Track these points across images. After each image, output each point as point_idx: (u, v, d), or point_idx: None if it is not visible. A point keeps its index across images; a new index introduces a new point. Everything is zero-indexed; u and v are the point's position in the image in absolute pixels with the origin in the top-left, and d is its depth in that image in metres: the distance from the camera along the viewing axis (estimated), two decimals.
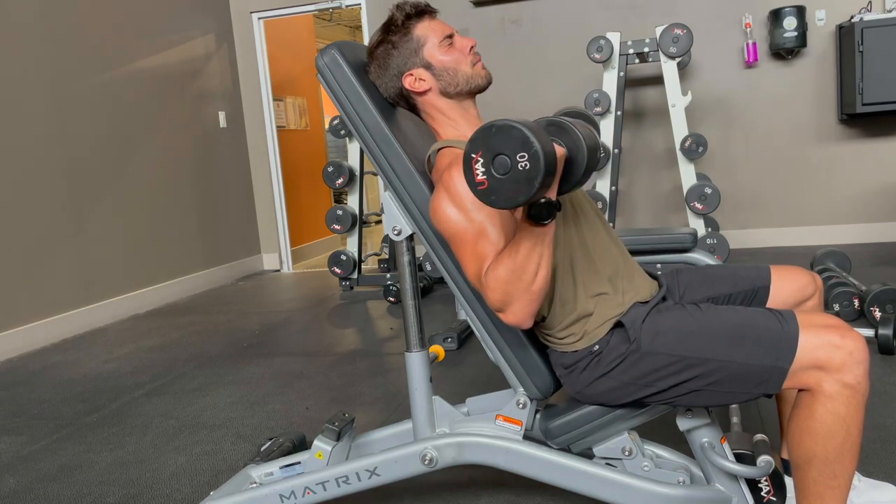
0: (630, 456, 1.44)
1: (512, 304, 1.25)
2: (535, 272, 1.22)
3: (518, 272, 1.22)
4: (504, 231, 1.30)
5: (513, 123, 1.09)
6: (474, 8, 5.26)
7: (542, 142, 1.09)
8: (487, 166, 1.11)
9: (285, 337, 3.73)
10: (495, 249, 1.28)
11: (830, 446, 1.22)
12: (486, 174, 1.12)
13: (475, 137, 1.12)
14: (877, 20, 4.35)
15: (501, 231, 1.30)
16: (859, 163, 4.80)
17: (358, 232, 4.68)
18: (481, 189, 1.13)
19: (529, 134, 1.08)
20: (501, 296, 1.25)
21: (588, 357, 1.38)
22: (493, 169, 1.11)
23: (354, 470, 1.53)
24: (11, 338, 3.70)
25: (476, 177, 1.12)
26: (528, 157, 1.08)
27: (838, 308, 3.01)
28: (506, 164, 1.10)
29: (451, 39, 1.50)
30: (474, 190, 1.13)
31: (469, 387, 2.62)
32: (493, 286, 1.25)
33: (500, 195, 1.12)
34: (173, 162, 5.01)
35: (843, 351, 1.20)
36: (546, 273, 1.23)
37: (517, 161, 1.09)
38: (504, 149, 1.10)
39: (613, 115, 4.41)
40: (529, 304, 1.25)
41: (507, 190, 1.11)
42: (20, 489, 2.12)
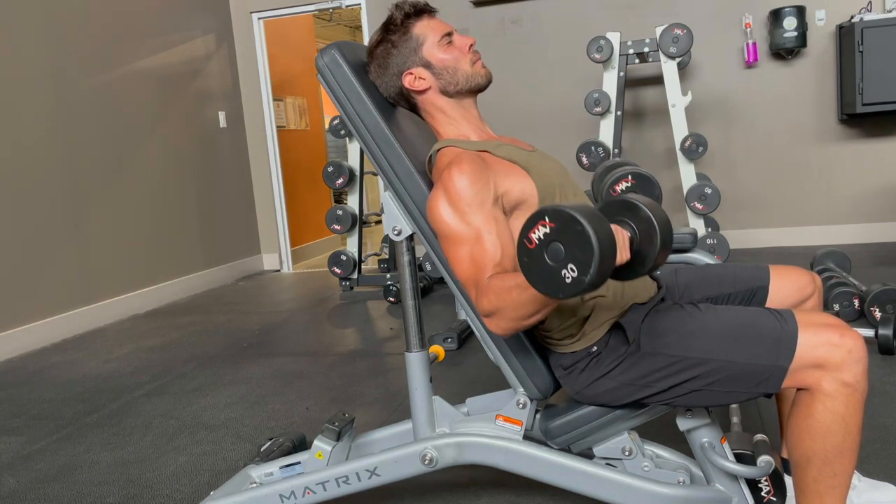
0: (630, 456, 1.44)
1: (499, 320, 1.25)
2: (532, 314, 1.22)
3: (517, 306, 1.21)
4: (500, 239, 1.30)
5: (594, 244, 1.03)
6: (474, 8, 5.26)
7: (597, 276, 1.04)
8: (546, 241, 1.07)
9: (285, 337, 3.73)
10: (492, 258, 1.28)
11: (830, 445, 1.22)
12: (539, 242, 1.07)
13: (562, 212, 1.06)
14: (877, 20, 4.35)
15: (498, 240, 1.30)
16: (859, 163, 4.80)
17: (358, 232, 4.68)
18: (525, 244, 1.09)
19: (596, 264, 1.03)
20: (492, 308, 1.25)
21: (587, 358, 1.38)
22: (547, 247, 1.07)
23: (354, 470, 1.53)
24: (11, 338, 3.70)
25: (532, 233, 1.08)
26: (574, 277, 1.04)
27: (838, 308, 3.01)
28: (557, 257, 1.06)
29: (450, 38, 1.50)
30: (521, 238, 1.10)
31: (469, 387, 2.62)
32: (490, 297, 1.24)
33: (531, 267, 1.09)
34: (173, 162, 5.01)
35: (842, 349, 1.20)
36: (542, 317, 1.24)
37: (565, 266, 1.05)
38: (568, 247, 1.05)
39: (613, 115, 4.41)
40: (514, 329, 1.27)
41: (539, 272, 1.08)
42: (20, 489, 2.12)
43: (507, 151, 1.44)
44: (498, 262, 1.28)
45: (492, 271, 1.27)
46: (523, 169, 1.41)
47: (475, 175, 1.33)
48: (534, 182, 1.39)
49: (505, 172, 1.39)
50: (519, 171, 1.40)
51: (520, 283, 1.19)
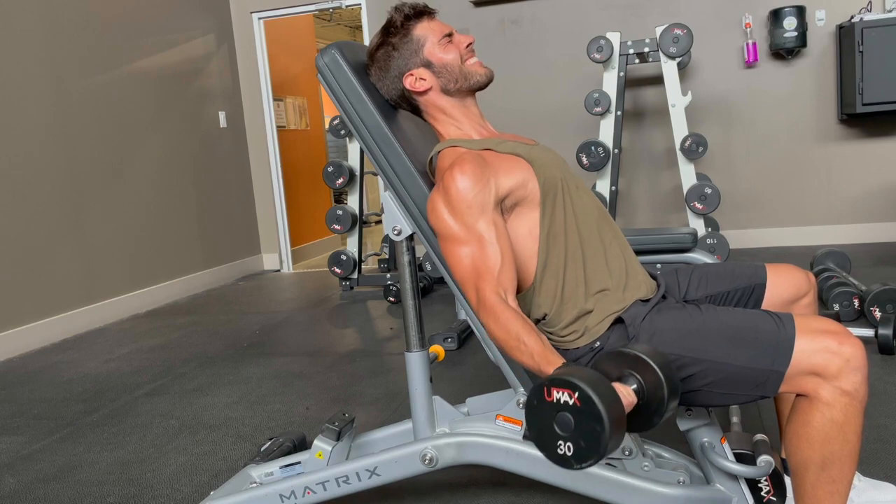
0: (630, 456, 1.44)
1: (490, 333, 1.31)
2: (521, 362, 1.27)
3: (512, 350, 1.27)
4: (501, 248, 1.32)
5: (602, 447, 1.03)
6: (474, 8, 5.26)
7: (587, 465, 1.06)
8: (563, 408, 1.06)
9: (285, 337, 3.73)
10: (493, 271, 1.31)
11: (827, 452, 1.22)
12: (556, 404, 1.07)
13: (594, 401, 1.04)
14: (877, 20, 4.35)
15: (499, 249, 1.32)
16: (859, 163, 4.80)
17: (358, 232, 4.68)
18: (541, 393, 1.08)
19: (589, 462, 1.05)
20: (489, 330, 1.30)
21: (589, 354, 1.38)
22: (558, 413, 1.06)
23: (354, 470, 1.53)
24: (11, 338, 3.70)
25: (554, 389, 1.07)
26: (567, 455, 1.06)
27: (838, 308, 3.00)
28: (564, 427, 1.06)
29: (450, 38, 1.50)
30: (529, 399, 1.10)
31: (469, 387, 2.62)
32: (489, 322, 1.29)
33: (535, 415, 1.09)
34: (173, 162, 5.01)
35: (839, 357, 1.19)
36: None
37: (566, 442, 1.06)
38: (577, 430, 1.05)
39: (613, 115, 4.41)
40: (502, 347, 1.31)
41: (541, 425, 1.08)
42: (20, 489, 2.12)
43: (510, 146, 1.45)
44: (498, 272, 1.31)
45: (493, 285, 1.30)
46: (527, 161, 1.41)
47: (476, 176, 1.34)
48: (536, 175, 1.40)
49: (507, 168, 1.39)
50: (523, 163, 1.41)
51: (522, 342, 1.24)
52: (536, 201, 1.40)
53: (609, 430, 1.03)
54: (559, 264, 1.40)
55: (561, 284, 1.39)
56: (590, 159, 4.37)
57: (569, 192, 1.43)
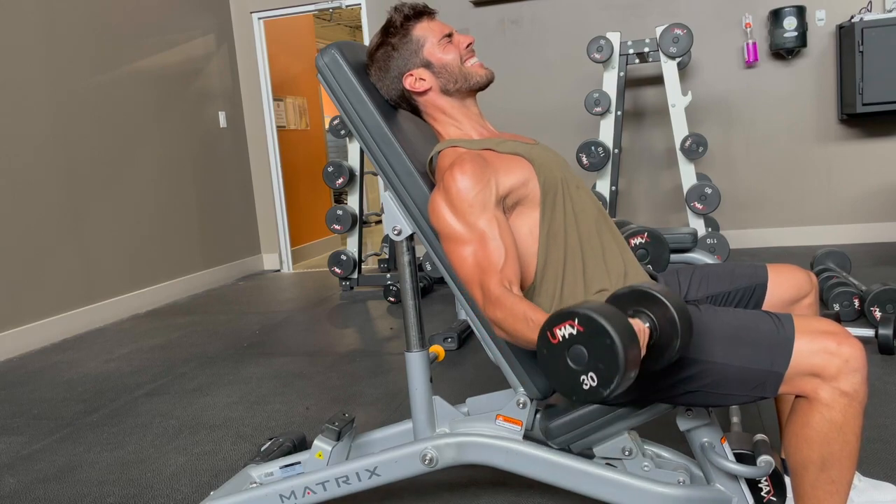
0: (630, 456, 1.44)
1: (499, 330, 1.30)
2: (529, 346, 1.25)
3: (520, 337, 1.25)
4: (504, 243, 1.32)
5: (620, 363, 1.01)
6: (474, 8, 5.26)
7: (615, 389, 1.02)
8: (571, 341, 1.05)
9: (285, 337, 3.73)
10: (496, 264, 1.30)
11: (827, 453, 1.21)
12: (563, 341, 1.05)
13: (594, 320, 1.03)
14: (877, 20, 4.35)
15: (502, 244, 1.32)
16: (859, 163, 4.80)
17: (358, 232, 4.68)
18: (547, 336, 1.07)
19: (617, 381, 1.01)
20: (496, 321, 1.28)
21: None
22: (569, 348, 1.05)
23: (354, 470, 1.53)
24: (11, 338, 3.70)
25: (557, 329, 1.06)
26: (594, 387, 1.03)
27: (838, 308, 3.00)
28: (579, 360, 1.04)
29: (450, 38, 1.50)
30: (544, 331, 1.08)
31: (469, 387, 2.62)
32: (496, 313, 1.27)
33: (548, 360, 1.07)
34: (173, 162, 5.01)
35: (839, 358, 1.18)
36: None
37: (586, 373, 1.03)
38: (592, 355, 1.03)
39: (613, 115, 4.41)
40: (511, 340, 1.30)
41: (556, 368, 1.06)
42: (20, 489, 2.12)
43: (511, 146, 1.45)
44: (501, 267, 1.30)
45: (497, 278, 1.29)
46: (527, 161, 1.41)
47: (477, 176, 1.34)
48: (537, 175, 1.40)
49: (507, 168, 1.39)
50: (523, 162, 1.41)
51: (530, 321, 1.21)
52: (537, 201, 1.40)
53: (619, 340, 1.01)
54: (559, 264, 1.40)
55: (560, 284, 1.39)
56: (590, 159, 4.37)
57: (569, 191, 1.43)
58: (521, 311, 1.23)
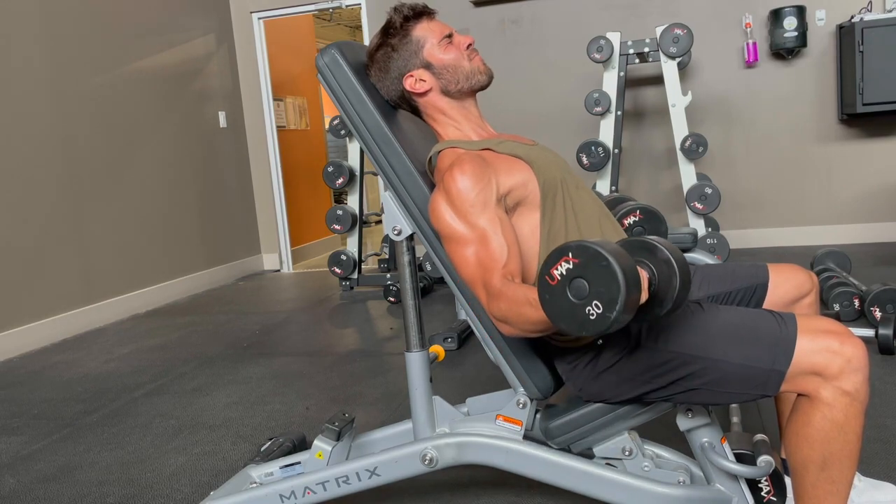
0: (630, 456, 1.44)
1: (508, 326, 1.27)
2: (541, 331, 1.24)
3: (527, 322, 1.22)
4: (506, 240, 1.31)
5: (620, 279, 1.01)
6: (474, 8, 5.26)
7: (623, 313, 1.02)
8: (570, 276, 1.04)
9: (285, 337, 3.73)
10: (499, 261, 1.29)
11: (827, 453, 1.21)
12: (562, 278, 1.05)
13: (588, 248, 1.04)
14: (877, 20, 4.35)
15: (504, 241, 1.31)
16: (859, 163, 4.80)
17: (358, 232, 4.68)
18: (546, 280, 1.07)
19: (622, 301, 1.00)
20: (502, 316, 1.26)
21: (591, 352, 1.38)
22: (570, 283, 1.04)
23: (354, 470, 1.53)
24: (11, 338, 3.70)
25: (553, 269, 1.06)
26: (600, 314, 1.02)
27: (838, 308, 3.00)
28: (580, 293, 1.03)
29: (450, 39, 1.50)
30: (541, 275, 1.09)
31: (469, 387, 2.62)
32: (501, 306, 1.25)
33: (552, 304, 1.07)
34: (173, 162, 5.01)
35: (841, 357, 1.18)
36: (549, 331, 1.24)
37: (590, 303, 1.03)
38: (593, 282, 1.02)
39: (613, 115, 4.41)
40: (522, 335, 1.28)
41: (561, 309, 1.06)
42: (20, 489, 2.12)
43: (509, 147, 1.45)
44: (504, 263, 1.29)
45: (500, 274, 1.28)
46: (526, 163, 1.41)
47: (477, 175, 1.34)
48: (536, 176, 1.39)
49: (507, 168, 1.39)
50: (522, 164, 1.41)
51: (532, 301, 1.19)
52: (537, 202, 1.40)
53: (614, 259, 1.01)
54: None
55: None
56: (590, 159, 4.37)
57: (569, 192, 1.43)
58: (521, 295, 1.21)
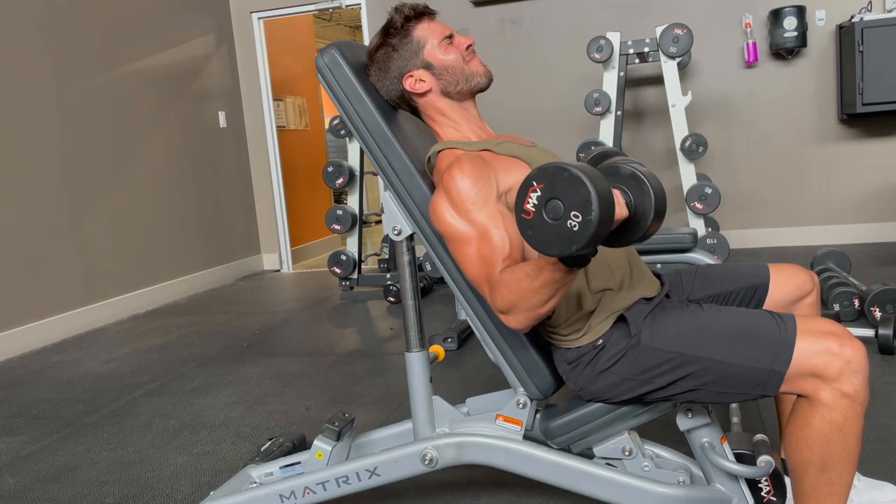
0: (630, 456, 1.44)
1: (516, 314, 1.25)
2: (546, 300, 1.21)
3: (530, 294, 1.21)
4: (508, 233, 1.30)
5: (584, 180, 1.02)
6: (474, 8, 5.26)
7: (601, 211, 1.02)
8: (542, 202, 1.06)
9: (285, 337, 3.73)
10: (501, 253, 1.28)
11: (827, 454, 1.21)
12: (535, 208, 1.07)
13: (547, 168, 1.07)
14: (877, 20, 4.35)
15: (505, 234, 1.30)
16: (859, 163, 4.80)
17: (358, 232, 4.68)
18: (524, 218, 1.08)
19: (594, 200, 1.01)
20: (508, 305, 1.25)
21: (592, 352, 1.38)
22: (545, 208, 1.06)
23: (354, 470, 1.53)
24: (11, 338, 3.69)
25: (525, 204, 1.08)
26: (581, 222, 1.03)
27: (838, 308, 3.00)
28: (557, 212, 1.04)
29: (450, 40, 1.50)
30: (518, 216, 1.09)
31: (469, 387, 2.62)
32: (503, 294, 1.25)
33: (537, 235, 1.07)
34: (173, 162, 5.01)
35: (840, 359, 1.18)
36: (556, 303, 1.23)
37: (569, 217, 1.03)
38: (565, 197, 1.04)
39: (613, 115, 4.41)
40: (531, 320, 1.26)
41: (546, 237, 1.06)
42: (20, 489, 2.12)
43: (508, 148, 1.45)
44: (507, 255, 1.28)
45: (501, 265, 1.27)
46: (525, 163, 1.41)
47: (476, 174, 1.34)
48: None
49: (506, 169, 1.39)
50: (521, 164, 1.41)
51: (529, 271, 1.19)
52: None
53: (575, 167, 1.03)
54: None
55: None
56: None
57: None
58: (518, 270, 1.22)
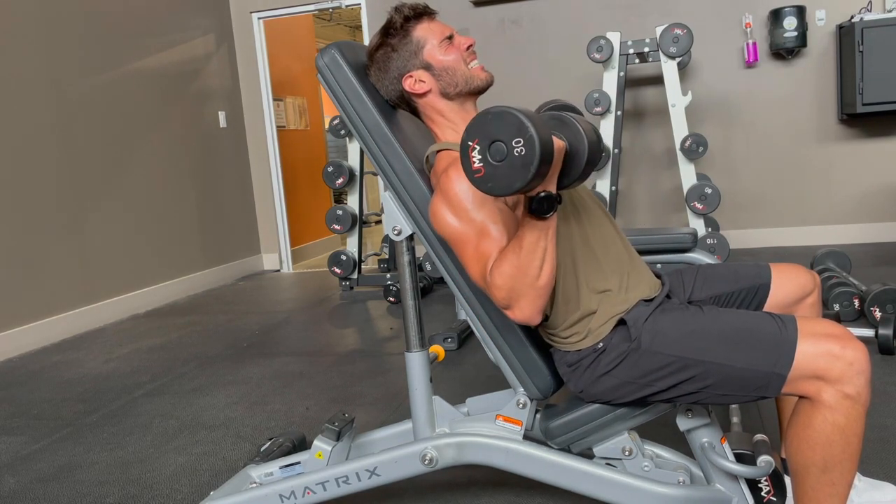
0: (630, 456, 1.44)
1: (519, 300, 1.24)
2: (540, 266, 1.21)
3: (523, 268, 1.21)
4: (506, 229, 1.30)
5: (508, 109, 1.10)
6: (474, 8, 5.26)
7: (537, 127, 1.09)
8: (484, 153, 1.12)
9: (285, 337, 3.73)
10: (498, 247, 1.28)
11: (828, 455, 1.21)
12: (482, 161, 1.12)
13: (472, 124, 1.13)
14: (877, 20, 4.35)
15: (504, 229, 1.29)
16: (859, 163, 4.79)
17: (358, 232, 4.68)
18: (478, 177, 1.13)
19: (525, 119, 1.08)
20: (508, 293, 1.24)
21: (592, 355, 1.38)
22: (489, 156, 1.11)
23: (354, 470, 1.53)
24: (11, 338, 3.69)
25: (473, 164, 1.13)
26: (524, 143, 1.08)
27: (838, 308, 3.00)
28: (502, 151, 1.10)
29: (450, 40, 1.50)
30: (471, 178, 1.14)
31: (469, 387, 2.62)
32: (499, 283, 1.24)
33: (496, 182, 1.12)
34: (173, 162, 5.01)
35: (842, 361, 1.18)
36: (551, 267, 1.22)
37: (513, 147, 1.09)
38: (500, 135, 1.10)
39: (613, 115, 4.41)
40: (536, 300, 1.24)
41: (504, 176, 1.11)
42: (20, 489, 2.12)
43: None
44: (503, 246, 1.28)
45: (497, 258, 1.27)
46: None
47: None
48: None
49: None
50: None
51: (512, 247, 1.21)
52: None
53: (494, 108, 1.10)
54: (559, 266, 1.39)
55: (561, 286, 1.39)
56: None
57: (568, 192, 1.42)
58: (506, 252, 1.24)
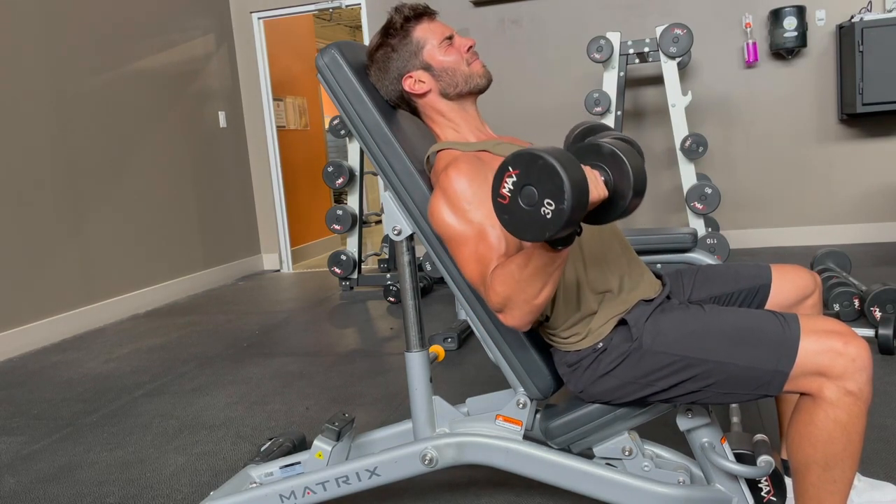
0: (630, 456, 1.44)
1: (512, 310, 1.25)
2: (540, 290, 1.21)
3: (523, 284, 1.21)
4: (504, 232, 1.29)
5: (559, 170, 1.03)
6: (474, 8, 5.26)
7: (575, 200, 1.03)
8: (517, 188, 1.08)
9: (285, 337, 3.73)
10: (497, 251, 1.28)
11: (830, 453, 1.21)
12: (511, 193, 1.08)
13: (522, 155, 1.08)
14: (877, 20, 4.35)
15: (502, 232, 1.29)
16: (859, 163, 4.79)
17: (358, 232, 4.68)
18: (500, 202, 1.10)
19: (568, 188, 1.03)
20: (502, 300, 1.25)
21: (592, 355, 1.38)
22: (520, 194, 1.07)
23: (354, 470, 1.53)
24: (11, 338, 3.69)
25: (502, 189, 1.09)
26: (553, 210, 1.04)
27: (838, 308, 3.00)
28: (531, 199, 1.06)
29: (450, 41, 1.50)
30: (494, 199, 1.11)
31: (469, 387, 2.62)
32: (497, 290, 1.24)
33: (512, 221, 1.09)
34: (173, 162, 5.01)
35: (845, 358, 1.19)
36: (551, 290, 1.22)
37: (543, 204, 1.05)
38: (538, 185, 1.05)
39: (613, 115, 4.41)
40: (529, 314, 1.25)
41: (521, 221, 1.08)
42: (20, 489, 2.12)
43: (507, 149, 1.44)
44: (502, 254, 1.28)
45: (496, 264, 1.27)
46: None
47: (473, 174, 1.34)
48: None
49: None
50: None
51: (519, 262, 1.19)
52: None
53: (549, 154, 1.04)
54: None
55: (563, 287, 1.39)
56: None
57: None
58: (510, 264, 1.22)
